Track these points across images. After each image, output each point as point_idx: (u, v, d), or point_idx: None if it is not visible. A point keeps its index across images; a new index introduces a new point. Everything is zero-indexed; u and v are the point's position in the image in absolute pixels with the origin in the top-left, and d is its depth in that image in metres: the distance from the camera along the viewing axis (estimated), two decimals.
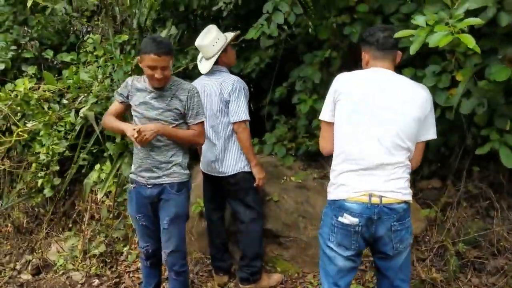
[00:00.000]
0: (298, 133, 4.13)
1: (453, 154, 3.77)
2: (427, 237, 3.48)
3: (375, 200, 2.10)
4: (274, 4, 3.37)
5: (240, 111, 3.03)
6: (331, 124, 2.26)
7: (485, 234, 3.30)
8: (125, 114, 2.98)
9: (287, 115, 4.44)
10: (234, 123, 3.06)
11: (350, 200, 2.13)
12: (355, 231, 2.14)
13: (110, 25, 4.95)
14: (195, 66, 4.39)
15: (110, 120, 2.81)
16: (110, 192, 4.20)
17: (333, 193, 2.22)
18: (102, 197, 4.02)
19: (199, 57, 3.30)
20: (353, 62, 4.41)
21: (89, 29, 5.46)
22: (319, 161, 4.11)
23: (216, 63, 3.16)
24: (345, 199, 2.14)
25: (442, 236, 3.33)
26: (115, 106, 2.85)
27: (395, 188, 2.13)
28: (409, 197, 2.19)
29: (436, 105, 3.07)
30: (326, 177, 3.88)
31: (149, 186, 2.78)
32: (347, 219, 2.13)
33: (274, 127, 4.53)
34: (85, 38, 5.25)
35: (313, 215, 3.44)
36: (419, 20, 2.27)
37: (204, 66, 3.21)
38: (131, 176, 2.86)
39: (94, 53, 4.97)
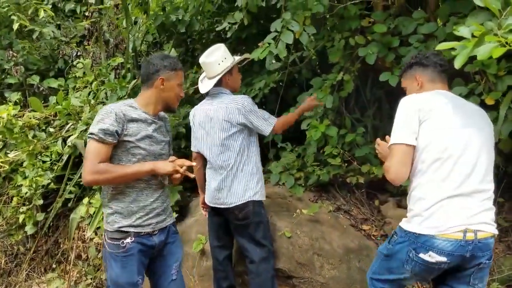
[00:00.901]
0: (306, 161, 3.82)
1: None
2: None
3: (470, 235, 1.90)
4: (284, 23, 3.11)
5: (263, 122, 2.80)
6: (411, 148, 2.00)
7: None
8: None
9: (292, 142, 4.14)
10: (271, 132, 2.85)
11: (441, 238, 1.91)
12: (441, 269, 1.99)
13: (102, 49, 4.66)
14: (196, 91, 4.12)
15: (110, 170, 2.07)
16: (99, 228, 3.78)
17: (419, 226, 1.97)
18: (90, 235, 3.60)
19: (201, 76, 3.00)
20: (365, 86, 4.21)
21: (79, 54, 5.14)
22: (331, 191, 3.80)
23: (219, 84, 2.86)
24: (433, 236, 1.92)
25: None
26: (106, 150, 2.08)
27: (488, 219, 1.96)
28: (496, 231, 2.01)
29: None
30: (340, 210, 3.56)
31: (155, 233, 2.27)
32: (432, 257, 1.94)
33: (277, 155, 4.23)
34: (74, 63, 4.95)
35: (330, 252, 3.08)
36: (463, 31, 2.01)
37: (205, 85, 2.90)
38: (129, 229, 2.17)
39: (84, 78, 4.67)
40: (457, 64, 2.01)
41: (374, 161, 3.67)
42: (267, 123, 2.80)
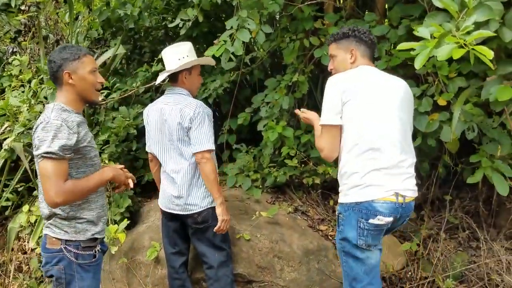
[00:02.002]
0: (262, 162, 3.76)
1: (424, 183, 3.60)
2: (409, 273, 3.21)
3: (400, 199, 2.14)
4: (240, 21, 3.04)
5: (203, 139, 2.57)
6: (339, 127, 2.21)
7: (471, 268, 3.09)
8: None
9: (247, 143, 4.07)
10: (196, 153, 2.59)
11: (379, 200, 2.12)
12: (385, 229, 2.23)
13: (41, 45, 4.33)
14: (147, 90, 3.94)
15: (77, 186, 1.95)
16: (40, 237, 3.50)
17: (358, 195, 2.16)
18: (33, 245, 3.32)
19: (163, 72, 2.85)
20: (316, 87, 4.23)
21: (14, 50, 4.76)
22: (287, 192, 3.77)
23: (175, 82, 2.72)
24: (373, 200, 2.12)
25: (430, 272, 3.07)
26: (66, 166, 1.93)
27: (412, 186, 2.22)
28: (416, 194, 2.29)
29: (416, 131, 2.89)
30: (297, 211, 3.53)
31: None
32: (381, 220, 2.13)
33: (231, 157, 4.14)
34: (10, 60, 4.57)
35: (290, 254, 3.04)
36: (423, 32, 2.04)
37: (160, 77, 2.77)
38: (97, 236, 2.11)
39: (20, 77, 4.32)
40: (418, 65, 2.03)
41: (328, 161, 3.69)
42: (201, 142, 2.56)
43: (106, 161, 3.36)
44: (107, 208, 2.25)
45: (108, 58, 3.83)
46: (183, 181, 2.64)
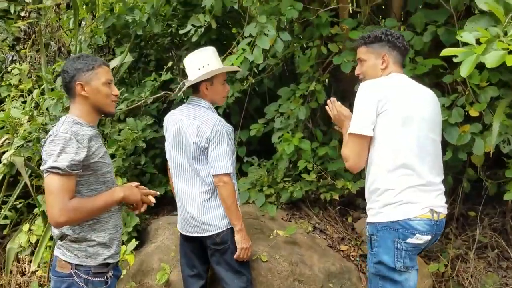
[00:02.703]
0: (276, 176, 3.55)
1: (448, 198, 3.40)
2: None
3: (435, 216, 2.02)
4: (259, 27, 2.85)
5: (221, 161, 2.34)
6: (369, 138, 2.05)
7: None
8: None
9: (258, 156, 3.87)
10: (214, 176, 2.38)
11: (416, 218, 1.99)
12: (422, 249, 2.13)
13: (42, 53, 4.13)
14: (155, 100, 3.74)
15: (83, 206, 1.80)
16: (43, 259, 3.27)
17: (394, 213, 2.01)
18: (34, 268, 3.09)
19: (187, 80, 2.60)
20: (338, 96, 4.03)
21: (14, 58, 4.56)
22: (302, 208, 3.56)
23: (197, 92, 2.48)
24: (410, 218, 1.99)
25: None
26: (73, 183, 1.78)
27: (444, 202, 2.10)
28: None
29: (445, 144, 2.71)
30: (316, 229, 3.32)
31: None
32: (420, 239, 2.00)
33: (241, 170, 3.93)
34: (9, 68, 4.37)
35: (311, 278, 2.83)
36: (467, 37, 1.86)
37: (180, 89, 2.61)
38: (110, 260, 1.95)
39: (20, 87, 4.13)
40: (464, 72, 1.86)
41: (346, 175, 3.49)
42: (219, 164, 2.34)
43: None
44: (121, 229, 2.06)
45: (114, 67, 3.63)
46: (199, 200, 2.42)
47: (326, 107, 2.33)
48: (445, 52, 1.85)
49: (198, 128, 2.34)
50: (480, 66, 2.82)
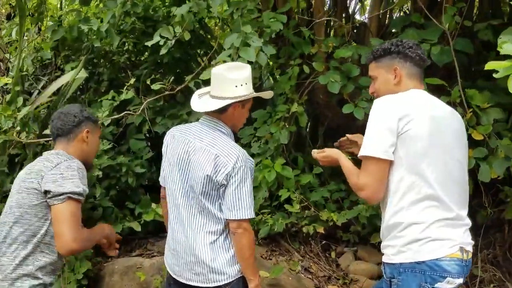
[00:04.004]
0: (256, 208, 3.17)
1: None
2: None
3: (465, 255, 1.72)
4: (242, 37, 2.53)
5: (243, 204, 1.83)
6: (388, 163, 1.72)
7: None
8: None
9: None
10: (231, 221, 1.85)
11: (446, 258, 1.68)
12: None
13: None
14: (110, 123, 3.25)
15: (89, 236, 1.91)
16: None
17: (420, 252, 1.69)
18: None
19: (200, 91, 2.05)
20: (318, 120, 3.76)
21: None
22: (281, 243, 3.19)
23: (220, 113, 1.91)
24: (439, 258, 1.67)
25: None
26: (80, 212, 1.85)
27: (471, 239, 1.80)
28: None
29: None
30: (301, 267, 2.94)
31: None
32: (451, 283, 1.68)
33: None
34: None
35: None
36: (509, 48, 1.63)
37: (204, 103, 1.93)
38: None
39: None
40: None
41: (329, 206, 3.19)
42: (241, 207, 1.83)
43: None
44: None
45: (66, 84, 3.12)
46: (206, 241, 1.89)
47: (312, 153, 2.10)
48: (489, 66, 1.59)
49: (216, 159, 1.83)
50: (480, 87, 2.73)
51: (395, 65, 1.86)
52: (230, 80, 1.89)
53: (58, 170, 1.81)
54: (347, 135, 2.17)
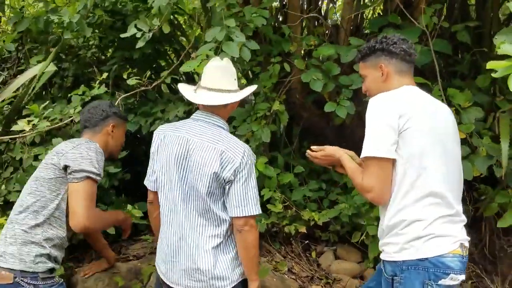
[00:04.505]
0: None
1: None
2: None
3: (465, 251, 1.73)
4: (224, 31, 2.44)
5: (250, 199, 1.76)
6: (391, 161, 1.70)
7: None
8: None
9: None
10: (236, 218, 1.76)
11: (449, 254, 1.68)
12: None
13: None
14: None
15: (102, 216, 2.16)
16: None
17: (423, 249, 1.68)
18: None
19: (190, 87, 1.92)
20: (293, 120, 3.71)
21: None
22: (263, 244, 3.12)
23: (217, 108, 1.83)
24: (442, 254, 1.67)
25: None
26: (95, 189, 2.01)
27: (466, 235, 1.79)
28: None
29: None
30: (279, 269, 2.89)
31: None
32: (454, 279, 1.67)
33: None
34: None
35: None
36: (507, 48, 1.64)
37: (204, 95, 1.82)
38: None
39: None
40: None
41: (310, 205, 3.15)
42: (247, 204, 1.75)
43: None
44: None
45: (34, 77, 2.90)
46: (208, 247, 1.78)
47: (307, 155, 2.06)
48: (490, 65, 1.59)
49: (223, 155, 1.74)
50: (459, 86, 2.79)
51: (380, 63, 1.86)
52: (227, 72, 1.84)
53: (78, 150, 1.95)
54: (312, 146, 2.04)
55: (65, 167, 1.92)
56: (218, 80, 1.82)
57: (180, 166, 1.79)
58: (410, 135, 1.68)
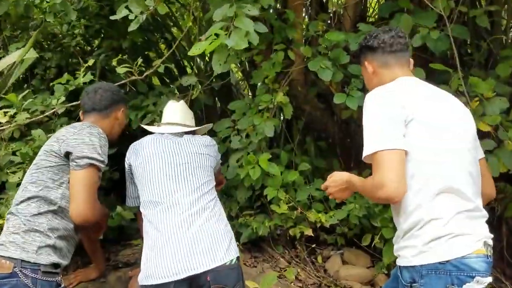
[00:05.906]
0: (230, 210, 2.84)
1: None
2: None
3: (489, 250, 1.55)
4: (235, 8, 2.18)
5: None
6: (398, 152, 1.52)
7: None
8: None
9: None
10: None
11: (472, 255, 1.50)
12: None
13: None
14: (66, 112, 2.78)
15: (101, 208, 2.03)
16: None
17: (443, 250, 1.51)
18: None
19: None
20: (300, 112, 3.47)
21: None
22: (263, 248, 2.89)
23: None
24: (464, 256, 1.49)
25: None
26: (98, 177, 1.96)
27: (489, 232, 1.61)
28: None
29: None
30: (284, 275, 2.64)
31: None
32: (480, 283, 1.49)
33: None
34: None
35: None
36: None
37: (175, 128, 2.15)
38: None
39: None
40: None
41: (316, 206, 2.91)
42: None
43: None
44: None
45: (13, 64, 2.61)
46: (210, 227, 1.86)
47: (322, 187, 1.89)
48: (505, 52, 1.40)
49: (206, 142, 2.14)
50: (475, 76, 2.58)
51: (365, 60, 1.86)
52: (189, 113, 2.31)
53: (80, 136, 1.84)
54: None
55: (67, 154, 1.82)
56: (180, 116, 2.21)
57: (172, 160, 2.02)
58: (416, 127, 1.57)
